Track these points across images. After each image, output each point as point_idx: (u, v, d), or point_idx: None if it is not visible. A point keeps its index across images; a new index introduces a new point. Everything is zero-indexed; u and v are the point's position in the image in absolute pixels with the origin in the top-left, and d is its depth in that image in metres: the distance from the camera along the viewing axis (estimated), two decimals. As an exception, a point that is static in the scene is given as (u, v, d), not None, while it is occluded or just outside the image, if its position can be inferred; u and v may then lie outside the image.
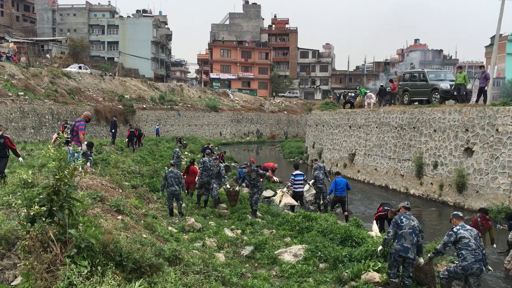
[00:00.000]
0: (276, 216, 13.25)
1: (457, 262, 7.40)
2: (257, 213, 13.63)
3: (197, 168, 15.27)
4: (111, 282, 3.73)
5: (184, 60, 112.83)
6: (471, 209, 16.52)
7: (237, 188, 13.91)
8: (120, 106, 41.53)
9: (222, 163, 22.44)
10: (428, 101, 21.93)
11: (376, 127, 23.97)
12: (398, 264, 7.46)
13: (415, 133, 20.72)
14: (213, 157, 15.23)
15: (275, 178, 19.05)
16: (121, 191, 10.68)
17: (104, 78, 46.28)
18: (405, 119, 21.48)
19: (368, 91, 30.07)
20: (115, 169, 15.08)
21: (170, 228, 10.63)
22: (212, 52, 79.50)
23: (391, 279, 7.47)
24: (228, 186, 14.00)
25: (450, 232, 7.52)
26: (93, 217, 5.93)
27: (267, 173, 20.90)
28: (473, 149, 17.20)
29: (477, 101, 19.41)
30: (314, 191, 16.76)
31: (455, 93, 20.45)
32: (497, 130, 16.12)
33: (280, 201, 15.38)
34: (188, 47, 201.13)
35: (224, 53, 79.68)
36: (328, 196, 15.58)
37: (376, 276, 8.31)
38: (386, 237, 7.59)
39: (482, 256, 7.21)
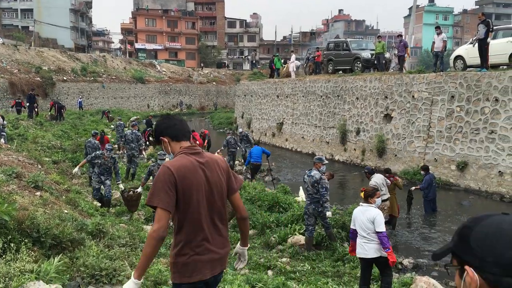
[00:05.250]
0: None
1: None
2: None
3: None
4: (25, 258, 3.59)
5: (106, 30, 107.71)
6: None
7: (139, 190, 10.01)
8: (38, 79, 38.99)
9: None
10: (351, 69, 22.70)
11: (303, 96, 24.48)
12: None
13: (339, 101, 21.43)
14: (136, 130, 14.71)
15: None
16: (40, 167, 10.18)
17: (19, 48, 43.11)
18: (330, 87, 22.11)
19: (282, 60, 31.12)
20: (33, 144, 14.31)
21: (95, 202, 10.34)
22: (136, 21, 76.33)
23: None
24: (121, 187, 10.52)
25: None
26: (7, 194, 5.62)
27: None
28: (391, 115, 18.13)
29: (400, 69, 20.33)
30: None
31: (375, 61, 21.34)
32: (413, 96, 17.07)
33: None
34: (110, 15, 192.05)
35: (149, 22, 76.84)
36: (245, 167, 16.58)
37: (301, 239, 8.68)
38: None
39: (320, 198, 8.27)
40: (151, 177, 9.78)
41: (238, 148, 16.90)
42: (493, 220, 1.22)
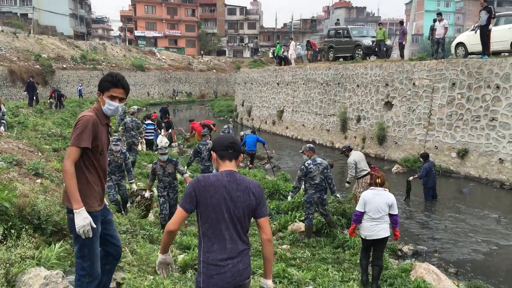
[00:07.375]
0: (206, 173, 13.30)
1: (305, 195, 8.52)
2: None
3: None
4: (26, 245, 3.59)
5: (106, 17, 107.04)
6: (390, 160, 17.57)
7: (146, 195, 8.80)
8: (38, 66, 38.89)
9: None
10: (352, 57, 22.59)
11: (303, 83, 24.40)
12: None
13: (339, 88, 21.35)
14: (136, 118, 14.55)
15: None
16: (40, 154, 10.17)
17: (18, 36, 42.89)
18: (330, 75, 22.02)
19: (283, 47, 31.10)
20: (33, 132, 14.30)
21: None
22: (136, 9, 75.78)
23: None
24: (134, 187, 9.22)
25: (302, 167, 8.44)
26: (8, 181, 5.62)
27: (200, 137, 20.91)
28: (392, 103, 18.08)
29: (402, 56, 20.28)
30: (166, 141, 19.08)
31: (376, 49, 21.23)
32: (414, 84, 17.00)
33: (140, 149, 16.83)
34: (110, 2, 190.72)
35: (148, 9, 76.28)
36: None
37: (301, 226, 8.70)
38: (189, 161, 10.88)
39: (325, 187, 8.39)
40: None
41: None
42: (224, 134, 3.26)
